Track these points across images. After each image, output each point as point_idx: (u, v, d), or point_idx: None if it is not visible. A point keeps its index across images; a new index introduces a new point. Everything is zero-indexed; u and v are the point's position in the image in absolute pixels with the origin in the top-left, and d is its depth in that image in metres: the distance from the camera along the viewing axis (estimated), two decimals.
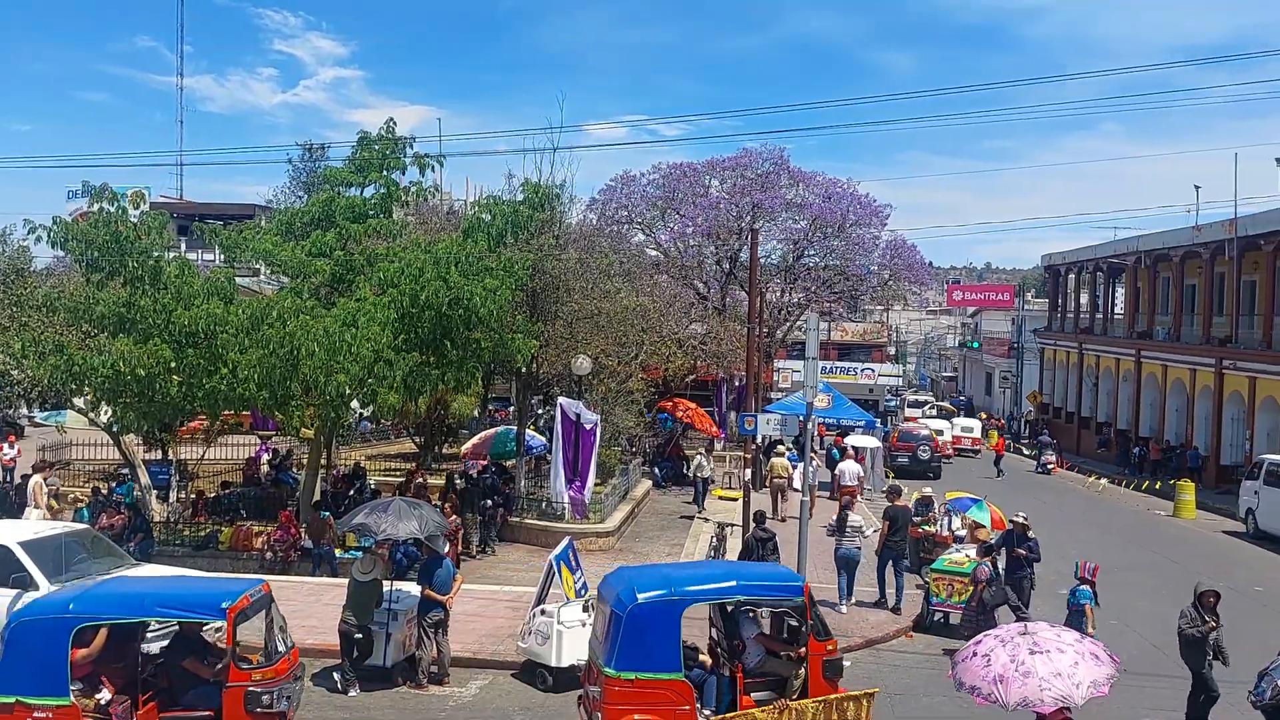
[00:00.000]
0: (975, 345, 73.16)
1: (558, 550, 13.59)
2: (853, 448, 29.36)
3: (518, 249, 20.03)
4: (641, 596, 9.67)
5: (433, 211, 31.95)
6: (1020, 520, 16.48)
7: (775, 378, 52.48)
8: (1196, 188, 68.01)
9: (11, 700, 8.99)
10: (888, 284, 47.72)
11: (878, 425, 36.35)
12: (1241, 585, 19.76)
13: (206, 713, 9.45)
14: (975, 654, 8.28)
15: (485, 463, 24.25)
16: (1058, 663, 7.86)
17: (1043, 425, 51.27)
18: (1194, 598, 12.01)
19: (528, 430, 26.04)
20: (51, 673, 9.05)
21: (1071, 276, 54.92)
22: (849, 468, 25.54)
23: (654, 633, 9.58)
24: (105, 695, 9.40)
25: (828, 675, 10.07)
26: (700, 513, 25.61)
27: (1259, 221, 34.69)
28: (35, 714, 8.99)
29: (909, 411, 55.11)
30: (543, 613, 12.86)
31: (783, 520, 23.84)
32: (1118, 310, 51.25)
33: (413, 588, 13.11)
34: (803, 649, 10.21)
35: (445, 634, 12.62)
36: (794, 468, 25.91)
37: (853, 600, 16.82)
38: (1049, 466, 39.83)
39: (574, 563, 13.94)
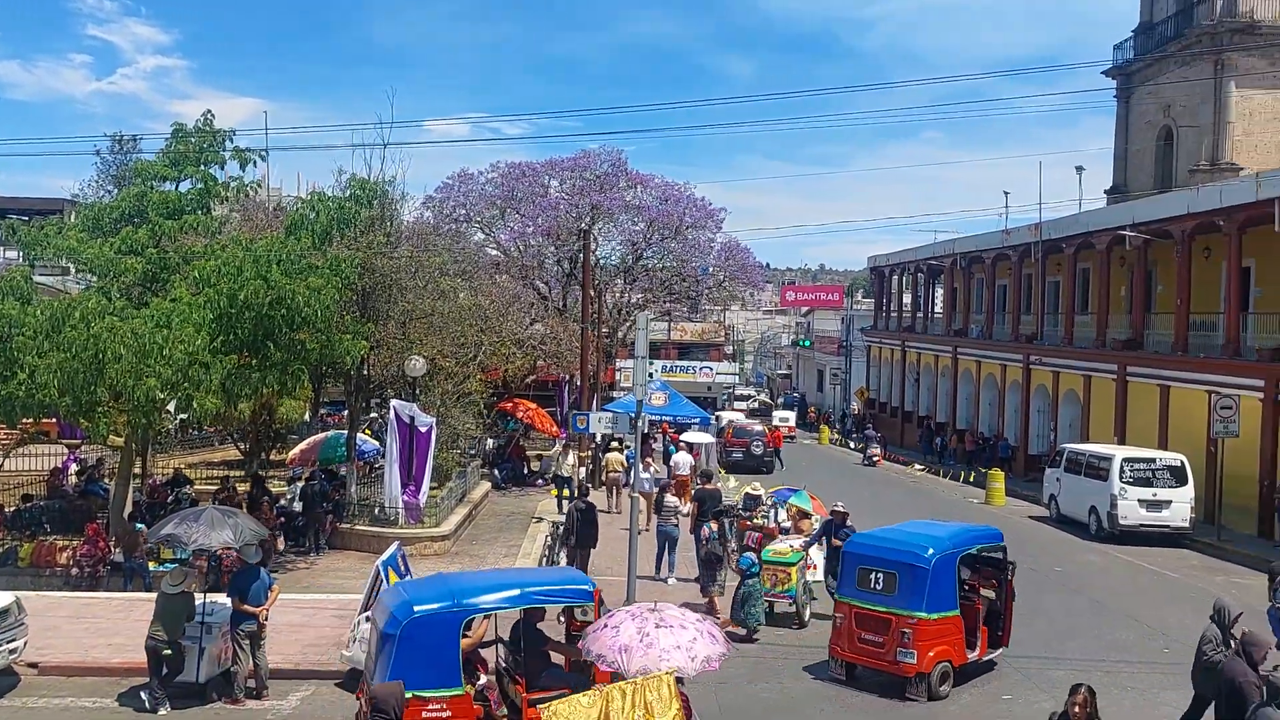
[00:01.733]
0: (807, 344, 75.70)
1: (385, 555, 13.32)
2: (686, 444, 29.95)
3: (346, 247, 19.54)
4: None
5: (259, 208, 30.79)
6: (839, 509, 17.20)
7: (617, 377, 52.98)
8: (1006, 193, 72.22)
9: (409, 695, 9.11)
10: (724, 285, 48.94)
11: (713, 422, 37.15)
12: (1044, 566, 21.16)
13: (562, 689, 9.49)
14: (607, 625, 8.88)
15: (314, 468, 23.54)
16: (679, 637, 8.56)
17: (869, 419, 53.54)
18: (1224, 619, 10.71)
19: (361, 434, 25.43)
20: (445, 665, 9.37)
21: (895, 277, 57.53)
22: (682, 459, 26.26)
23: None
24: (482, 680, 10.03)
25: None
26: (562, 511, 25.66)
27: (1060, 226, 37.25)
28: (430, 706, 9.22)
29: (735, 405, 58.53)
30: (368, 619, 12.57)
31: (619, 513, 24.17)
32: (937, 309, 54.00)
33: (229, 600, 12.62)
34: None
35: (261, 646, 12.20)
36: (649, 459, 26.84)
37: (674, 574, 18.44)
38: (874, 459, 41.61)
39: (403, 568, 13.69)
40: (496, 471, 30.46)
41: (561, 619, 11.35)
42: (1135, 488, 24.46)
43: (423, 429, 21.19)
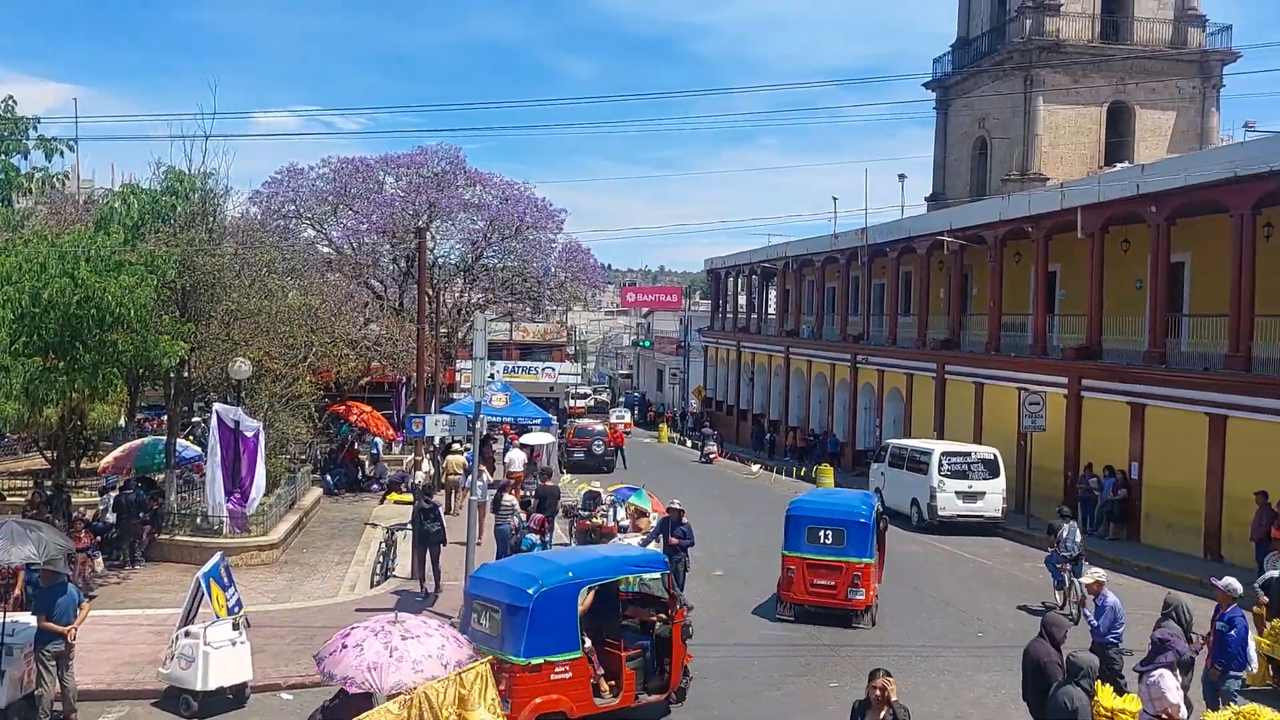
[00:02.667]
0: (647, 344, 76.65)
1: (207, 567, 12.71)
2: (526, 445, 29.85)
3: (164, 243, 18.54)
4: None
5: (67, 201, 28.88)
6: (676, 507, 17.47)
7: (457, 378, 52.24)
8: (834, 199, 75.33)
9: (540, 661, 10.45)
10: (565, 286, 48.96)
11: (554, 423, 37.11)
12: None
13: (638, 650, 11.68)
14: (345, 646, 8.66)
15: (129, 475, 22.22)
16: (428, 646, 8.55)
17: (706, 418, 54.64)
18: (1181, 616, 11.39)
19: (182, 440, 24.17)
20: (567, 631, 10.76)
21: (731, 280, 58.91)
22: (516, 455, 26.40)
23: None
24: (588, 643, 11.04)
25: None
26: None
27: (884, 231, 38.97)
28: (556, 669, 10.58)
29: (572, 404, 59.83)
30: (187, 634, 11.99)
31: (458, 515, 23.87)
32: (771, 311, 55.59)
33: (33, 619, 11.77)
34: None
35: (69, 667, 11.43)
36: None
37: None
38: (711, 456, 42.47)
39: (226, 579, 13.10)
40: (329, 477, 29.54)
41: None
42: (953, 480, 25.82)
43: (249, 434, 20.32)
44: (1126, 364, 25.51)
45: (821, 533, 16.28)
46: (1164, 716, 9.11)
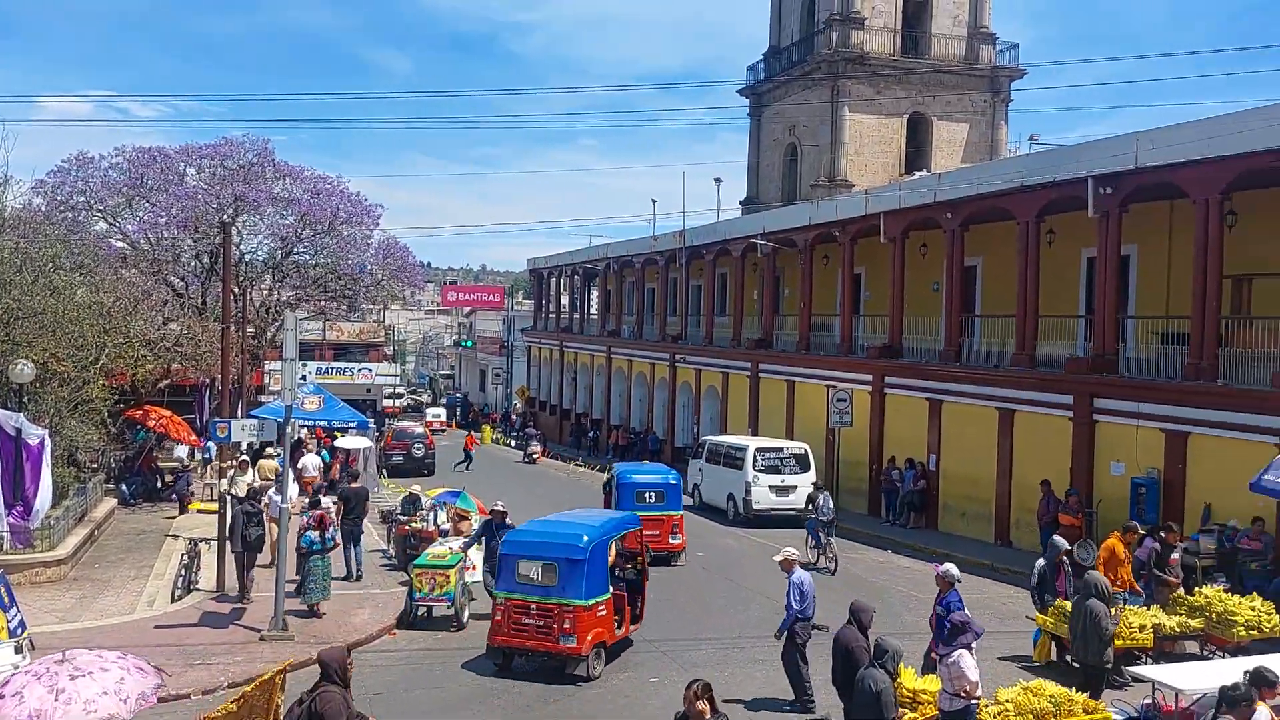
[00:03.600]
0: (469, 344, 75.70)
1: None
2: (343, 450, 28.96)
3: None
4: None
5: None
6: (499, 509, 17.31)
7: (266, 380, 50.09)
8: (654, 201, 76.25)
9: (594, 601, 13.26)
10: (383, 284, 47.66)
11: (371, 426, 36.13)
12: (688, 551, 22.52)
13: (627, 587, 14.68)
14: (5, 695, 7.88)
15: None
16: (103, 682, 7.90)
17: (530, 418, 54.47)
18: (1102, 592, 11.84)
19: None
20: (604, 577, 13.74)
21: (553, 280, 58.95)
22: (310, 461, 25.99)
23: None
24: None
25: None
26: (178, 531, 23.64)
27: (701, 234, 39.90)
28: (598, 610, 13.38)
29: (386, 403, 59.13)
30: None
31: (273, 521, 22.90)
32: (593, 311, 55.97)
33: None
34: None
35: None
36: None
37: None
38: (534, 456, 42.38)
39: (7, 599, 12.09)
40: (124, 487, 27.73)
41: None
42: (766, 475, 26.68)
43: (32, 442, 18.78)
44: (925, 362, 27.04)
45: (648, 494, 21.25)
46: (963, 694, 9.69)
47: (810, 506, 21.79)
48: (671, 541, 20.84)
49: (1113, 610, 12.20)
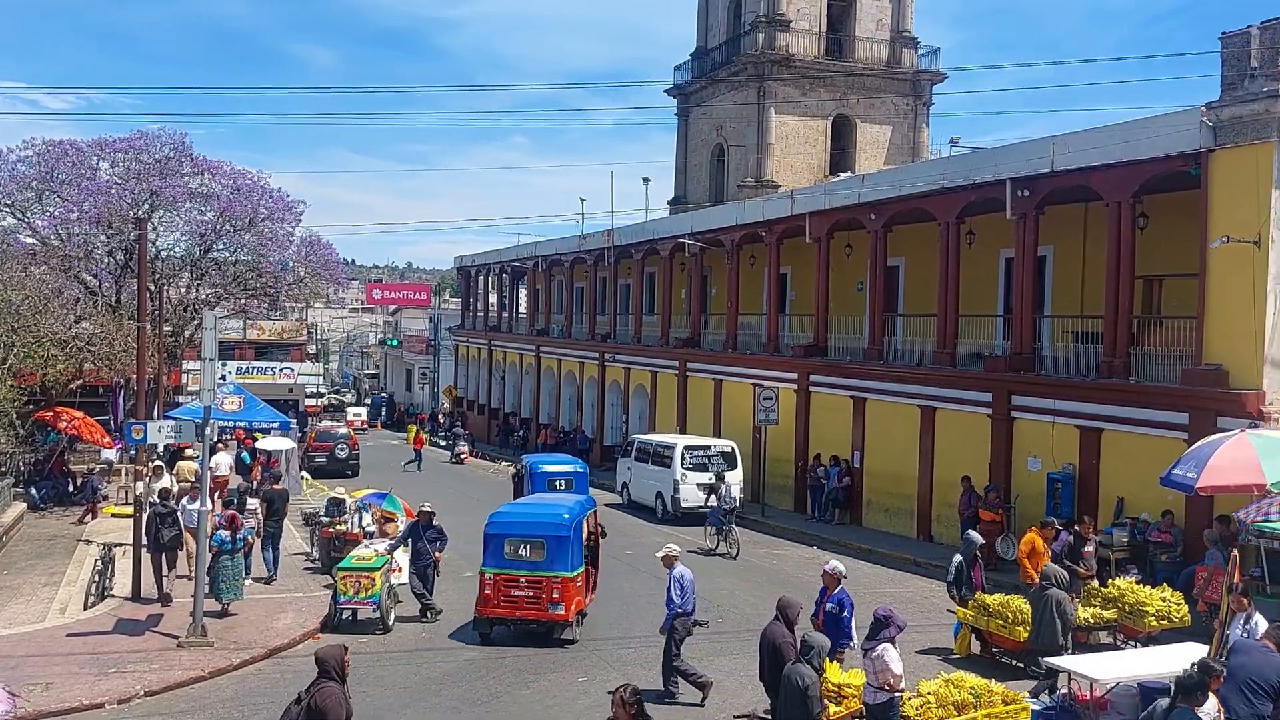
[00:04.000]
0: (395, 343, 74.69)
1: None
2: (264, 452, 28.38)
3: None
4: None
5: None
6: (426, 509, 17.11)
7: (184, 380, 48.88)
8: (582, 200, 76.50)
9: (576, 572, 14.91)
10: (305, 281, 46.82)
11: (293, 426, 35.45)
12: (618, 550, 22.52)
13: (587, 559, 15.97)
14: None
15: None
16: None
17: (457, 418, 53.98)
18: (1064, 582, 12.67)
19: None
20: (580, 551, 15.39)
21: (481, 278, 58.48)
22: (221, 459, 25.50)
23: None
24: None
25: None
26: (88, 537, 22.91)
27: (630, 233, 39.93)
28: (577, 581, 14.94)
29: (309, 402, 58.77)
30: None
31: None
32: (521, 309, 55.67)
33: None
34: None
35: None
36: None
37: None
38: (462, 456, 42.01)
39: None
40: (34, 491, 26.82)
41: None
42: (694, 473, 26.82)
43: None
44: (849, 361, 27.43)
45: (559, 483, 23.03)
46: (887, 687, 9.86)
47: (713, 496, 23.68)
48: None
49: (1074, 598, 13.10)
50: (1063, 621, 12.33)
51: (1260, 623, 10.77)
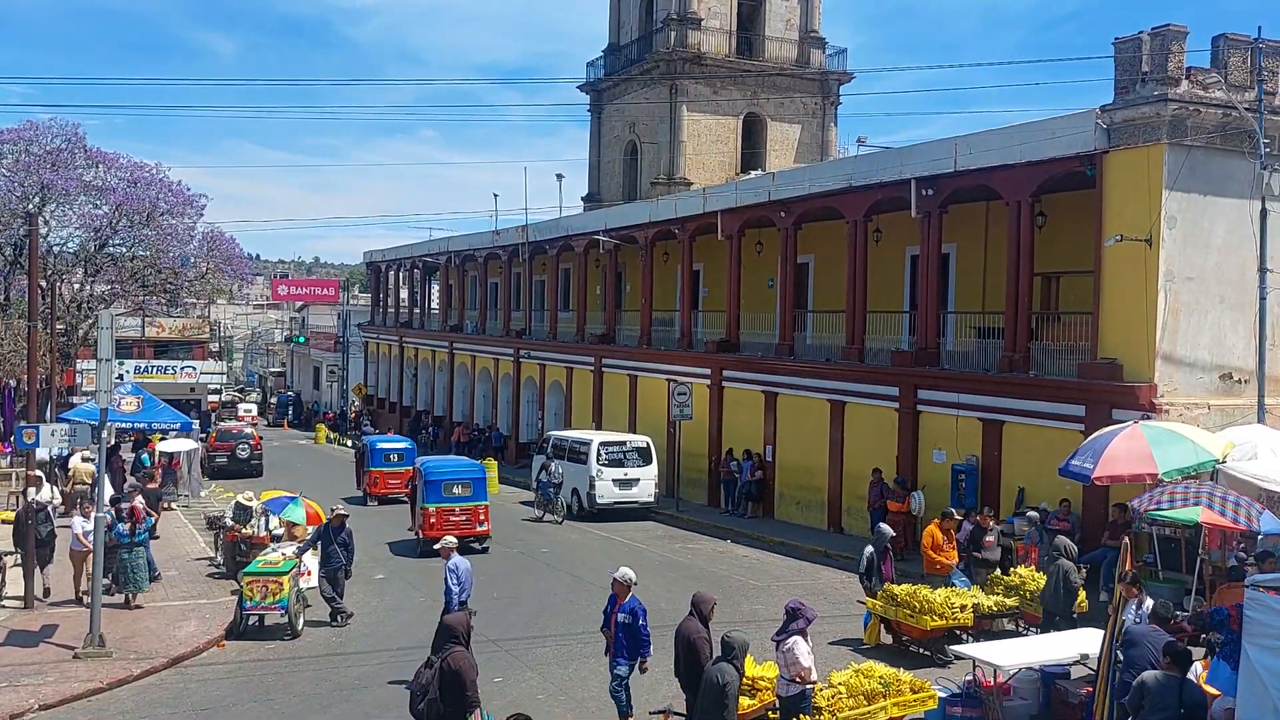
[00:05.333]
0: (302, 340, 73.04)
1: None
2: (164, 454, 27.52)
3: None
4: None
5: None
6: (340, 512, 16.78)
7: (78, 380, 47.15)
8: (495, 195, 75.91)
9: (486, 503, 22.53)
10: (206, 277, 45.59)
11: (195, 426, 34.45)
12: (532, 548, 22.46)
13: None
14: None
15: None
16: None
17: (368, 415, 53.06)
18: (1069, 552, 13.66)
19: None
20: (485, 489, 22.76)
21: (392, 273, 57.58)
22: (75, 461, 25.20)
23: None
24: None
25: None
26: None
27: (544, 229, 39.74)
28: (486, 509, 22.36)
29: (211, 399, 58.96)
30: None
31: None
32: (434, 305, 54.95)
33: None
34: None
35: None
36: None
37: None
38: None
39: None
40: None
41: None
42: (610, 469, 26.87)
43: None
44: (761, 356, 27.74)
45: (392, 456, 28.98)
46: (798, 680, 10.00)
47: (544, 473, 26.83)
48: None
49: (1080, 570, 14.15)
50: (1069, 590, 13.33)
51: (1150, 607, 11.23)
